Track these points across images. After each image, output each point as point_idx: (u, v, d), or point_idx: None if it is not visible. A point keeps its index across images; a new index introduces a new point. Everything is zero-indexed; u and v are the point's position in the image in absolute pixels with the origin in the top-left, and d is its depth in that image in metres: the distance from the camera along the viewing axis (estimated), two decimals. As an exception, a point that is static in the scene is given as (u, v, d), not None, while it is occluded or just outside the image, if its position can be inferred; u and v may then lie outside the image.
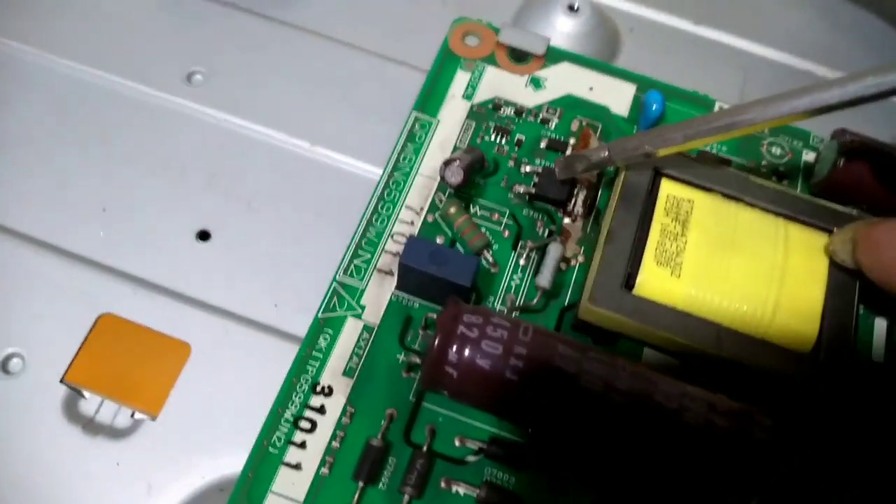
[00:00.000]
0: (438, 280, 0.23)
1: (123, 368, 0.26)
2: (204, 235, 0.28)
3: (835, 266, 0.24)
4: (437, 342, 0.21)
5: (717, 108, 0.29)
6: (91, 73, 0.31)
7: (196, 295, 0.27)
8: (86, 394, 0.26)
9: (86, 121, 0.30)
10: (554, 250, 0.24)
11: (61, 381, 0.26)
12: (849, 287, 0.24)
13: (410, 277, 0.24)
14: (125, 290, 0.27)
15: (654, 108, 0.27)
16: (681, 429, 0.21)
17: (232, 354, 0.26)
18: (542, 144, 0.28)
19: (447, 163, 0.25)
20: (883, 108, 0.33)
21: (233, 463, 0.24)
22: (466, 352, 0.21)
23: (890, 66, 0.22)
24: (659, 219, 0.24)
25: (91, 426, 0.25)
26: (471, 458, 0.23)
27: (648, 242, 0.24)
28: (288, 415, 0.23)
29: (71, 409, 0.25)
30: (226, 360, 0.26)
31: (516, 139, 0.28)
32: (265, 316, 0.27)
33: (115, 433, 0.25)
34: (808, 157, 0.29)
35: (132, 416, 0.26)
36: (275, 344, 0.26)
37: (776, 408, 0.22)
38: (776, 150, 0.29)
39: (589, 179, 0.27)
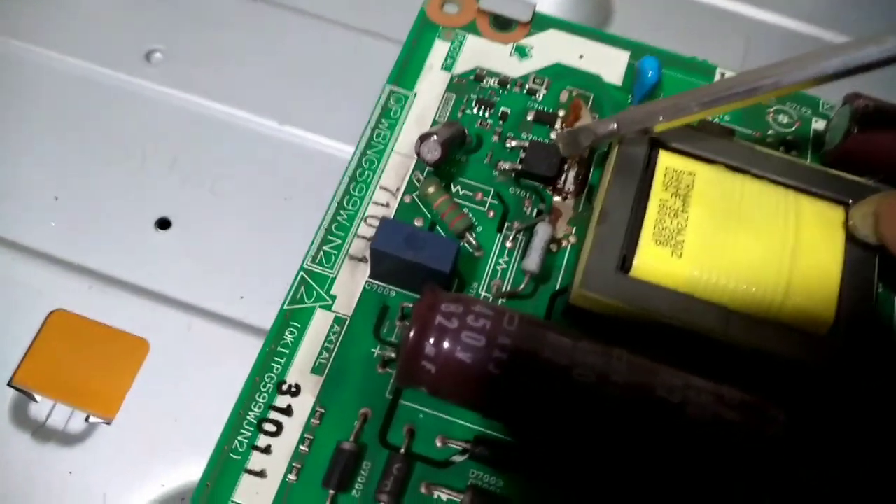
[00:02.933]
0: (415, 266, 0.21)
1: (77, 369, 0.24)
2: (164, 224, 0.26)
3: (852, 241, 0.22)
4: (412, 334, 0.19)
5: (717, 74, 0.27)
6: (40, 54, 0.29)
7: (155, 288, 0.25)
8: (36, 397, 0.24)
9: (35, 104, 0.28)
10: (542, 231, 0.22)
11: (9, 384, 0.24)
12: (868, 263, 0.22)
13: (384, 264, 0.22)
14: (78, 284, 0.25)
15: (649, 75, 0.25)
16: (685, 424, 0.19)
17: (194, 351, 0.24)
18: (529, 117, 0.25)
19: (423, 138, 0.23)
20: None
21: (195, 470, 0.23)
22: (445, 344, 0.19)
23: None
24: (657, 194, 0.22)
25: (42, 432, 0.23)
26: (456, 459, 0.21)
27: (646, 220, 0.21)
28: (251, 417, 0.21)
29: (20, 414, 0.24)
30: (187, 358, 0.24)
31: (500, 112, 0.25)
32: (230, 309, 0.25)
33: (67, 439, 0.23)
34: (818, 125, 0.26)
35: (86, 419, 0.24)
36: (241, 339, 0.24)
37: (791, 398, 0.20)
38: (783, 119, 0.26)
39: (580, 153, 0.25)
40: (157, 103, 0.28)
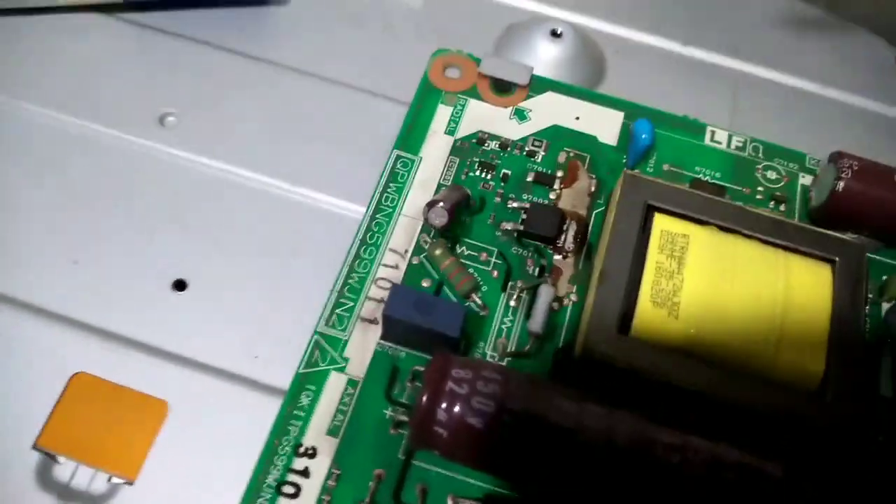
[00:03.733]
0: (426, 331, 0.22)
1: (98, 430, 0.25)
2: (180, 285, 0.27)
3: (839, 297, 0.23)
4: (424, 400, 0.20)
5: (708, 132, 0.28)
6: (58, 119, 0.30)
7: (172, 349, 0.26)
8: (60, 459, 0.24)
9: (54, 168, 0.29)
10: (545, 293, 0.23)
11: (33, 447, 0.24)
12: (856, 319, 0.23)
13: (396, 328, 0.23)
14: (98, 346, 0.26)
15: (643, 137, 0.26)
16: (684, 485, 0.19)
17: (212, 411, 0.25)
18: (529, 178, 0.27)
19: (431, 204, 0.24)
20: (884, 129, 0.33)
21: (216, 529, 0.23)
22: (456, 409, 0.20)
23: None
24: (653, 256, 0.23)
25: (66, 493, 0.24)
26: (466, 516, 0.21)
27: (643, 282, 0.22)
28: (270, 480, 0.21)
29: (44, 476, 0.24)
30: (205, 418, 0.25)
31: (502, 174, 0.27)
32: (246, 369, 0.26)
33: (91, 500, 0.24)
34: (805, 180, 0.28)
35: (109, 480, 0.24)
36: (256, 398, 0.25)
37: (785, 451, 0.21)
38: (772, 175, 0.28)
39: (579, 214, 0.26)
40: (171, 166, 0.29)
